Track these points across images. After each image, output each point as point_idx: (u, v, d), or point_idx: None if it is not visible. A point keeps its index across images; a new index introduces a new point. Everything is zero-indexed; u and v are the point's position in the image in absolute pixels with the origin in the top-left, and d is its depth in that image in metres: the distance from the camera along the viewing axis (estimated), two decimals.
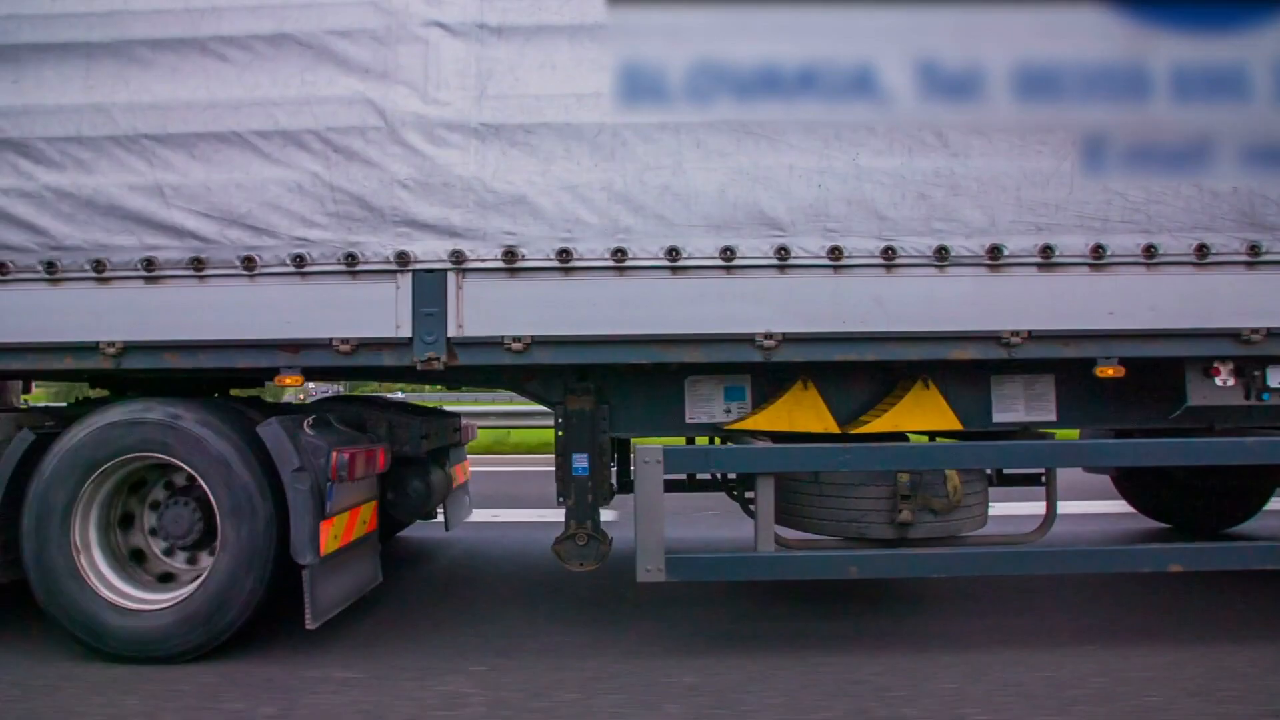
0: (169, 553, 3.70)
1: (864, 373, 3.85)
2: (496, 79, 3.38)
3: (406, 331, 3.38)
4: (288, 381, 3.49)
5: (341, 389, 16.17)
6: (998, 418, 3.87)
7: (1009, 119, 3.36)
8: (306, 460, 3.40)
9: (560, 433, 3.86)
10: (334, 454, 3.45)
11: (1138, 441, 3.41)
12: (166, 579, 3.67)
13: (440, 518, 5.10)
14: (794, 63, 3.39)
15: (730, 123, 3.37)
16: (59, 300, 3.47)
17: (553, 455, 3.90)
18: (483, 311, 3.38)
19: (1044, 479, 4.81)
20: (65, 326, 3.46)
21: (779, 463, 3.42)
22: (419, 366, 3.37)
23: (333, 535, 3.50)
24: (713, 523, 5.78)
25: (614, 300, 3.37)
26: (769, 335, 3.36)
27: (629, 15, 3.41)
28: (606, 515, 3.92)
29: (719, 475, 4.69)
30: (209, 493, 3.42)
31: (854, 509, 3.62)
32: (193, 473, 3.43)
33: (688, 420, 3.91)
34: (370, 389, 14.29)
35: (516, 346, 3.37)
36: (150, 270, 3.44)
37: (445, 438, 4.83)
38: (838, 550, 3.49)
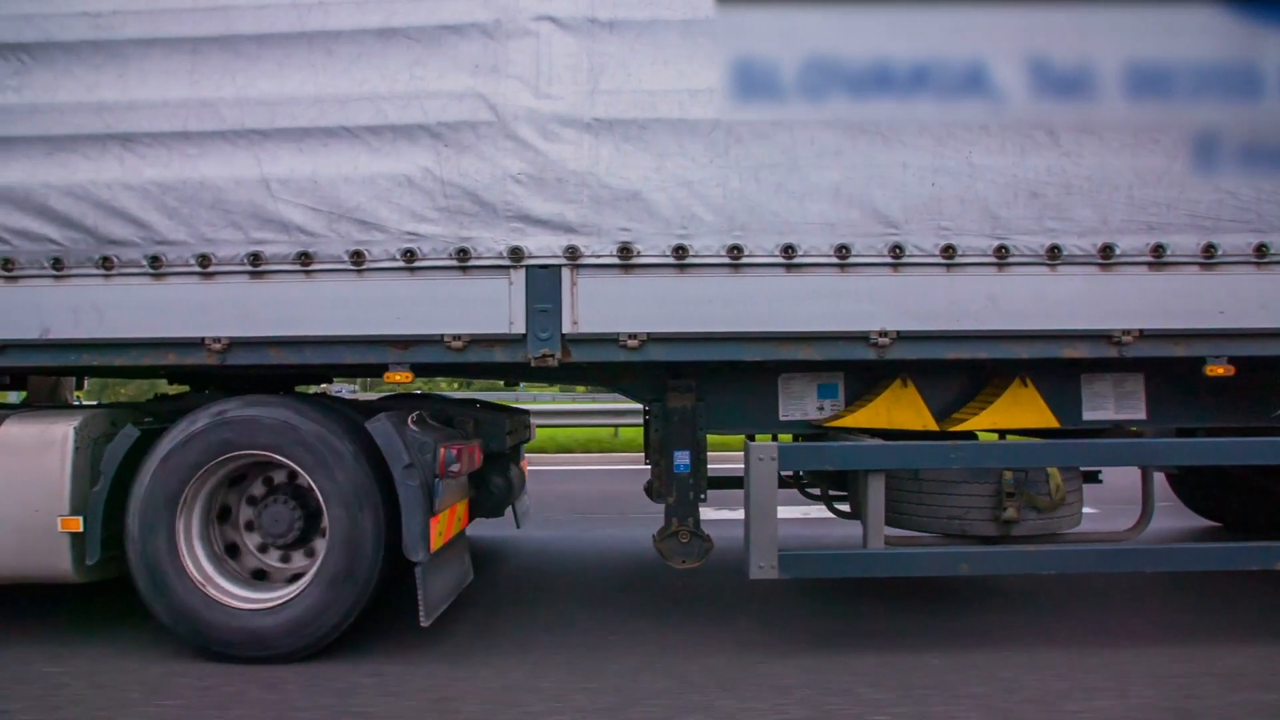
0: (265, 550, 3.67)
1: (956, 370, 3.87)
2: (609, 74, 3.37)
3: (520, 328, 3.35)
4: (397, 378, 3.46)
5: (357, 388, 16.11)
6: (1088, 415, 3.89)
7: (1121, 118, 3.37)
8: (415, 457, 3.38)
9: (658, 430, 3.86)
10: (441, 450, 3.43)
11: (1253, 440, 3.42)
12: (263, 577, 3.63)
13: (508, 515, 5.08)
14: (906, 61, 3.39)
15: (844, 121, 3.36)
16: (163, 295, 3.43)
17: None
18: (597, 308, 3.36)
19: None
20: (170, 322, 3.43)
21: (892, 460, 3.42)
22: (533, 363, 3.36)
23: (438, 532, 3.48)
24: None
25: (729, 297, 3.36)
26: (883, 333, 3.37)
27: (737, 14, 3.41)
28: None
29: (797, 472, 4.69)
30: (317, 492, 3.38)
31: (956, 506, 3.63)
32: (301, 471, 3.39)
33: (781, 418, 3.91)
34: (389, 386, 14.22)
35: (632, 344, 3.35)
36: (256, 265, 3.40)
37: (520, 434, 4.81)
38: (950, 547, 3.49)
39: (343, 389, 14.22)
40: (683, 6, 3.38)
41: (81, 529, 3.37)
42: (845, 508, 4.32)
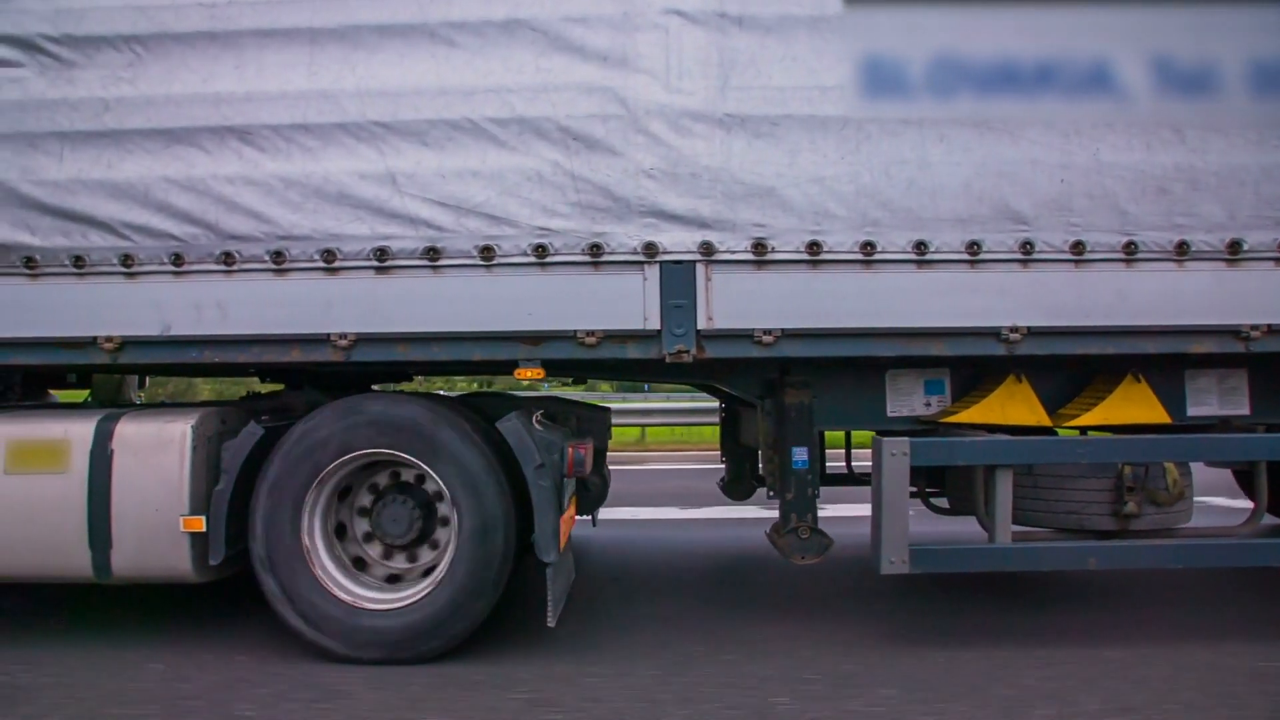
0: (386, 554, 3.60)
1: (1063, 366, 3.88)
2: (739, 69, 3.35)
3: (655, 324, 3.33)
4: (528, 374, 3.43)
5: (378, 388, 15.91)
6: (1192, 411, 3.91)
7: (1246, 115, 3.39)
8: (545, 456, 3.34)
9: (773, 427, 3.84)
10: (570, 450, 3.41)
11: None
12: (393, 580, 3.58)
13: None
14: (1031, 59, 3.40)
15: (972, 118, 3.37)
16: (287, 291, 3.38)
17: None
18: (732, 304, 3.34)
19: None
20: (295, 318, 3.38)
21: (1021, 455, 3.44)
22: (668, 359, 3.34)
23: (564, 531, 3.45)
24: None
25: (861, 293, 3.36)
26: (1014, 329, 3.37)
27: (864, 13, 3.40)
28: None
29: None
30: (447, 492, 3.33)
31: (1075, 501, 3.64)
32: (430, 472, 3.34)
33: (889, 414, 3.90)
34: (409, 386, 14.09)
35: (767, 340, 3.34)
36: (382, 260, 3.36)
37: (610, 433, 4.79)
38: (1076, 542, 3.51)
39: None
40: (811, 4, 3.37)
41: (204, 528, 3.31)
42: (942, 504, 4.34)
